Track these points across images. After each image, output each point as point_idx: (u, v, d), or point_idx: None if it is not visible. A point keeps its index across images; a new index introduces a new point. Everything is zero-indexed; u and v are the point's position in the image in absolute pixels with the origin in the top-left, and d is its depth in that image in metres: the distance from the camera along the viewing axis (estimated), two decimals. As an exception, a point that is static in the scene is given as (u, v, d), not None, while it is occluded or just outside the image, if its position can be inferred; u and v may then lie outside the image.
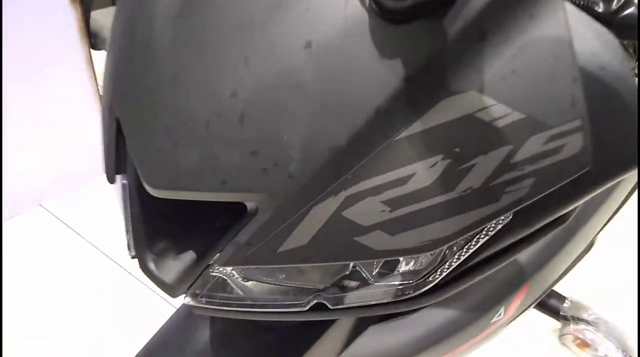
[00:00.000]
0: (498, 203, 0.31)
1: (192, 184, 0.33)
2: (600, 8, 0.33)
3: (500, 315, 0.43)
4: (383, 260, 0.37)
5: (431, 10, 0.30)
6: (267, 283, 0.41)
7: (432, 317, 0.41)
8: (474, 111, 0.31)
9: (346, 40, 0.31)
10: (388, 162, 0.31)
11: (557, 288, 0.69)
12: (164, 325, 0.52)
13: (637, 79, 0.33)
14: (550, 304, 0.62)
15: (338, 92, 0.31)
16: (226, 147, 0.32)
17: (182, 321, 0.51)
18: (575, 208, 0.35)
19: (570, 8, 0.31)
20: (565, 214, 0.35)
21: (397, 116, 0.31)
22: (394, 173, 0.31)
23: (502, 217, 0.33)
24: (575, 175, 0.31)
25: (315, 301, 0.37)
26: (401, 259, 0.37)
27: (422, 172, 0.31)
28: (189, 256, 0.39)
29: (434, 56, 0.31)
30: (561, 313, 0.60)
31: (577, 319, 0.59)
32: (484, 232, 0.34)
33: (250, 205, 0.34)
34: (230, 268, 0.38)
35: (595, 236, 0.54)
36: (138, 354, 0.50)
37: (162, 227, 0.40)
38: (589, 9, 0.33)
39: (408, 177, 0.31)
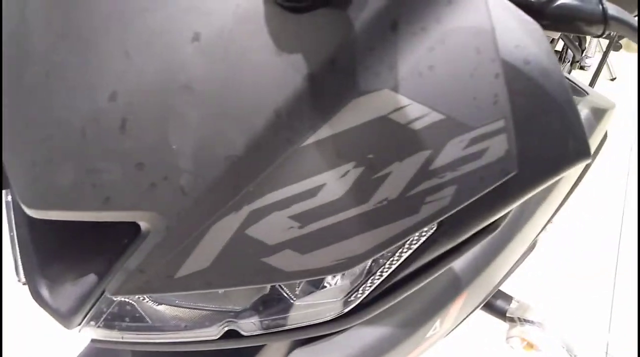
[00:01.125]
0: (418, 215, 0.27)
1: (70, 202, 0.28)
2: None
3: (435, 329, 0.40)
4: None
5: None
6: (181, 307, 0.36)
7: (361, 336, 0.37)
8: (388, 112, 0.27)
9: (239, 32, 0.27)
10: (294, 172, 0.27)
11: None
12: None
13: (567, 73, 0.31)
14: (496, 306, 0.61)
15: (232, 92, 0.27)
16: (107, 158, 0.27)
17: None
18: (506, 214, 0.33)
19: None
20: (496, 221, 0.32)
21: (301, 120, 0.27)
22: (302, 184, 0.27)
23: (425, 229, 0.30)
24: (500, 181, 0.28)
25: (227, 328, 0.33)
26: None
27: (333, 183, 0.27)
28: (87, 280, 0.34)
29: (340, 50, 0.27)
30: (508, 315, 0.59)
31: (524, 321, 0.58)
32: (406, 246, 0.31)
33: (143, 225, 0.29)
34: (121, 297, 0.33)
35: (537, 236, 0.52)
36: None
37: (57, 249, 0.35)
38: None
39: (317, 189, 0.27)
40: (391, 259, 0.31)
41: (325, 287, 0.35)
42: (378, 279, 0.31)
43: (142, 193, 0.27)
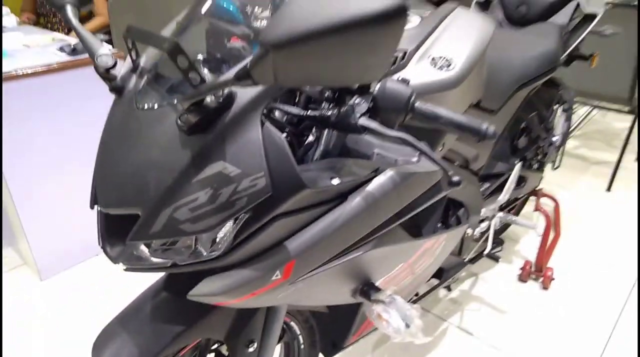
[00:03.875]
0: (231, 209, 0.59)
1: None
2: None
3: (278, 276, 0.68)
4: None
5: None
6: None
7: (235, 273, 0.66)
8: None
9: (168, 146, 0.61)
10: None
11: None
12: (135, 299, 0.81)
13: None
14: (365, 291, 0.86)
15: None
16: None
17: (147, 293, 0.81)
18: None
19: None
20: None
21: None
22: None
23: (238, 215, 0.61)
24: (261, 199, 0.59)
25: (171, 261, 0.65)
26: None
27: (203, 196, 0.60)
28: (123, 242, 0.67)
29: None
30: (372, 298, 0.84)
31: (380, 301, 0.83)
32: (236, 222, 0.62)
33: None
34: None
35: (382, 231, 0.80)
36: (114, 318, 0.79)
37: (113, 228, 0.69)
38: None
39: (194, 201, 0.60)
40: (241, 221, 0.61)
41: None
42: (238, 234, 0.62)
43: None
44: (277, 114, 0.80)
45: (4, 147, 1.63)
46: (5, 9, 2.33)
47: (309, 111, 0.76)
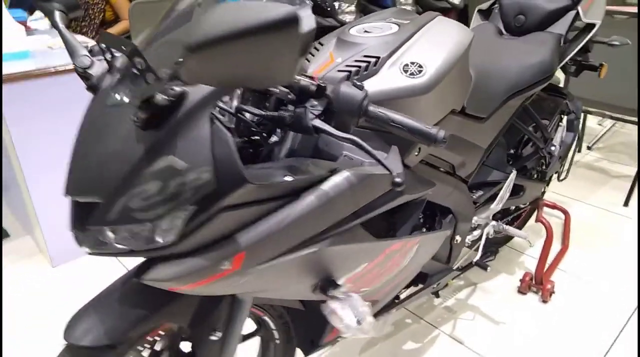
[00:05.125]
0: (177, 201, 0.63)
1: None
2: None
3: (227, 266, 0.72)
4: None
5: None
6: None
7: (186, 261, 0.71)
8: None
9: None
10: None
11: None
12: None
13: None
14: (323, 287, 0.89)
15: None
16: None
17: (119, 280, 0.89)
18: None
19: None
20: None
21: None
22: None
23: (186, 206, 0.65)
24: (206, 192, 0.63)
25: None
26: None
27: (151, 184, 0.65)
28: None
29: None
30: (329, 294, 0.87)
31: (336, 297, 0.85)
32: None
33: None
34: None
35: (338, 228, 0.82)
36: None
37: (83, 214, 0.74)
38: None
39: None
40: (189, 212, 0.66)
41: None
42: (188, 224, 0.66)
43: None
44: (247, 115, 0.85)
45: (24, 140, 1.75)
46: (39, 14, 2.49)
47: (268, 112, 0.80)
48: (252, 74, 0.52)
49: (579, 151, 2.98)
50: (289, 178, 0.74)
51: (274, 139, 0.86)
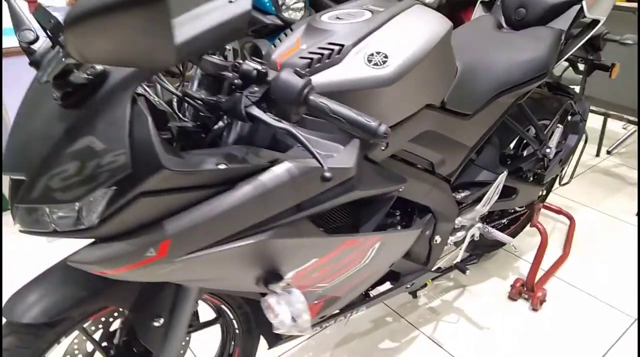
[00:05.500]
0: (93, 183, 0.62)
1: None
2: None
3: (152, 253, 0.70)
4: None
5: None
6: None
7: (111, 245, 0.69)
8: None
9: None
10: None
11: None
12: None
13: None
14: (266, 280, 0.86)
15: None
16: None
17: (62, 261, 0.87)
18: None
19: None
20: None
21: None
22: None
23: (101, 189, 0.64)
24: (121, 176, 0.61)
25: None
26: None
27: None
28: None
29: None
30: (269, 287, 0.84)
31: (274, 292, 0.83)
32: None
33: None
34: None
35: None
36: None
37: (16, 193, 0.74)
38: None
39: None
40: (107, 196, 0.64)
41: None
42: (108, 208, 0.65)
43: None
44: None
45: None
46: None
47: (207, 97, 0.77)
48: (131, 53, 0.49)
49: (597, 155, 2.85)
50: (222, 166, 0.72)
51: (220, 124, 0.84)
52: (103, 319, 0.99)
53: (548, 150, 1.52)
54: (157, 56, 0.50)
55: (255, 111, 0.71)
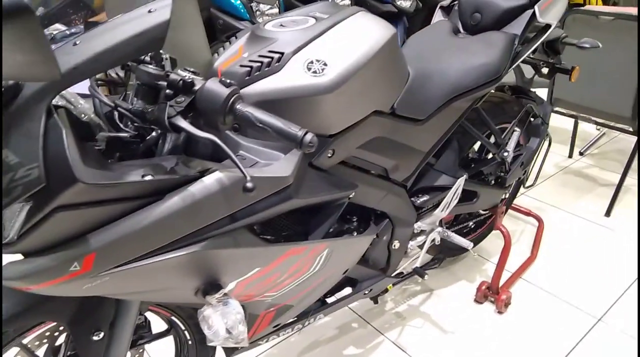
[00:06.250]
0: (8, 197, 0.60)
1: None
2: None
3: (76, 267, 0.69)
4: None
5: None
6: None
7: (34, 260, 0.68)
8: None
9: None
10: None
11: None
12: None
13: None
14: (205, 291, 0.86)
15: None
16: None
17: None
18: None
19: None
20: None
21: None
22: None
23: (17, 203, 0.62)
24: (35, 190, 0.60)
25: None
26: None
27: None
28: None
29: None
30: (206, 299, 0.84)
31: (210, 304, 0.82)
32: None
33: None
34: None
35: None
36: None
37: None
38: None
39: None
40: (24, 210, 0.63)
41: None
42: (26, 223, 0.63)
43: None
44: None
45: None
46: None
47: (134, 107, 0.76)
48: (12, 67, 0.49)
49: (570, 157, 2.87)
50: (148, 177, 0.71)
51: (154, 134, 0.83)
52: (48, 333, 0.97)
53: (506, 153, 1.53)
54: (37, 71, 0.49)
55: (179, 121, 0.70)
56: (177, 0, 0.74)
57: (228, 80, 0.72)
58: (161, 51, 0.83)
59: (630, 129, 2.17)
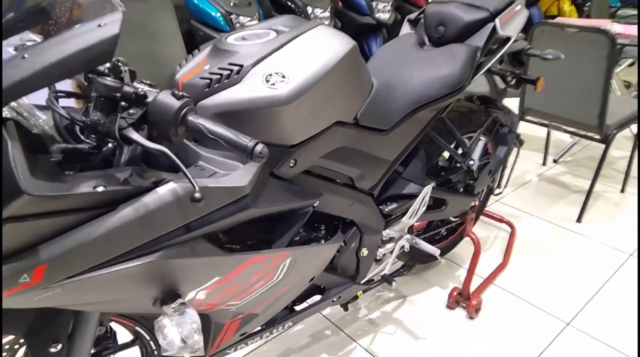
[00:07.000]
0: None
1: None
2: None
3: (26, 279, 0.69)
4: None
5: None
6: None
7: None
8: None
9: None
10: None
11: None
12: None
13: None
14: (162, 301, 0.86)
15: None
16: None
17: None
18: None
19: None
20: None
21: None
22: None
23: None
24: None
25: None
26: None
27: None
28: None
29: None
30: (163, 308, 0.84)
31: (166, 314, 0.83)
32: None
33: None
34: None
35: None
36: None
37: None
38: None
39: None
40: None
41: None
42: None
43: None
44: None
45: None
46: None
47: (87, 119, 0.77)
48: None
49: (544, 164, 2.93)
50: (100, 188, 0.72)
51: (110, 145, 0.84)
52: (7, 346, 0.97)
53: (471, 162, 1.56)
54: None
55: (130, 133, 0.72)
56: (156, 11, 0.75)
57: (180, 93, 0.74)
58: (120, 64, 0.85)
59: (598, 137, 2.22)
